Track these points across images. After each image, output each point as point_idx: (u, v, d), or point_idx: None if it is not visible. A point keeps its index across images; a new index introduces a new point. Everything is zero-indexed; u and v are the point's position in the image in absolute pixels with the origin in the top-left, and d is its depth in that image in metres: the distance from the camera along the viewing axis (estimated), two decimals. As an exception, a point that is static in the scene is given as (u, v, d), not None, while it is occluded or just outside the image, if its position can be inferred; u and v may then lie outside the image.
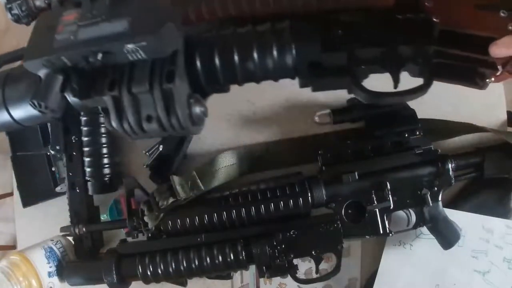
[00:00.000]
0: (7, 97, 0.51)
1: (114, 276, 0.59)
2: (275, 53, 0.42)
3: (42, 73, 0.42)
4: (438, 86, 0.45)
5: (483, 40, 0.42)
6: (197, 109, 0.42)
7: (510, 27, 0.42)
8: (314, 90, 0.45)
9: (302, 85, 0.45)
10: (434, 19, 0.43)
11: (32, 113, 0.50)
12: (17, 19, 0.53)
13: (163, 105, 0.40)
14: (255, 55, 0.43)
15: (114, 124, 0.42)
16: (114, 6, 0.41)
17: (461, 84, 0.49)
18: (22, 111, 0.51)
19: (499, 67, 0.44)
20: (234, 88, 0.48)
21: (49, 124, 0.73)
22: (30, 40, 0.44)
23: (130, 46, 0.39)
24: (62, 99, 0.42)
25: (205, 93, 0.47)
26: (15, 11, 0.52)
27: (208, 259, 0.57)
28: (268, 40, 0.42)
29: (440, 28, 0.43)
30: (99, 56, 0.40)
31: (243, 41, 0.43)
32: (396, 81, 0.45)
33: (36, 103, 0.41)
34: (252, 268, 0.62)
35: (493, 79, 0.46)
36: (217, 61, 0.43)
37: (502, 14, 0.42)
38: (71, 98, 0.43)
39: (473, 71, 0.47)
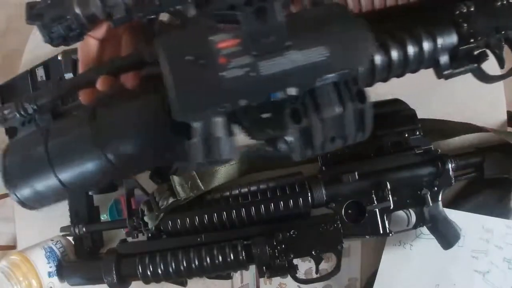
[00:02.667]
0: (52, 155, 0.44)
1: (114, 276, 0.59)
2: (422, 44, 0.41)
3: (197, 124, 0.34)
4: (438, 87, 0.45)
5: None
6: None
7: None
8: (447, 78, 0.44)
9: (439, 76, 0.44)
10: None
11: (84, 173, 0.44)
12: (62, 41, 0.44)
13: (355, 124, 0.37)
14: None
15: (295, 155, 0.37)
16: (295, 29, 0.33)
17: None
18: (72, 172, 0.44)
19: None
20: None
21: (49, 124, 0.73)
22: (173, 78, 0.33)
23: (330, 75, 0.34)
24: (231, 144, 0.35)
25: None
26: (58, 32, 0.43)
27: (208, 259, 0.57)
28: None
29: None
30: (292, 91, 0.33)
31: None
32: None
33: (211, 162, 0.34)
34: (252, 268, 0.62)
35: None
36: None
37: None
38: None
39: None
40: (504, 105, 0.67)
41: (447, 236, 0.60)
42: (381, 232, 0.58)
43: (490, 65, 0.43)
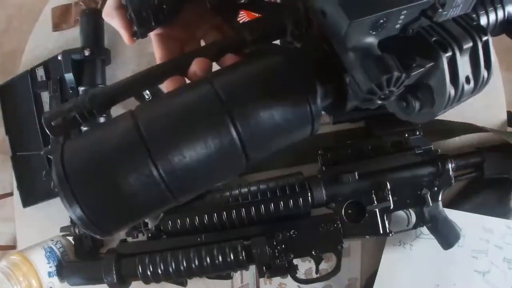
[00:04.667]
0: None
1: (114, 276, 0.59)
2: None
3: (367, 41, 0.31)
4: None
5: None
6: None
7: None
8: None
9: None
10: None
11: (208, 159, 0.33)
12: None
13: (484, 59, 0.34)
14: None
15: (448, 90, 0.33)
16: None
17: None
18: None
19: None
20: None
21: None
22: None
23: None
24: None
25: None
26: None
27: (208, 259, 0.57)
28: None
29: None
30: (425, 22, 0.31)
31: None
32: None
33: (382, 85, 0.30)
34: (252, 268, 0.62)
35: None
36: None
37: None
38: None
39: None
40: (504, 105, 0.68)
41: (447, 236, 0.60)
42: (381, 232, 0.58)
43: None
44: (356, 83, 0.31)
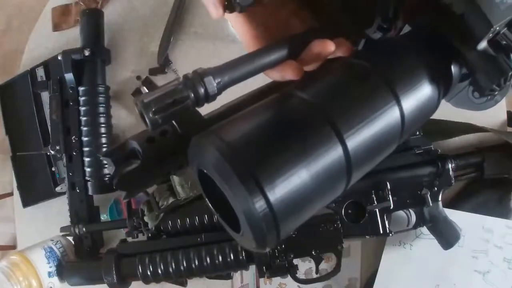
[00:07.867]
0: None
1: (114, 276, 0.59)
2: None
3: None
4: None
5: None
6: None
7: None
8: None
9: None
10: None
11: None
12: None
13: None
14: None
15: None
16: None
17: None
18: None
19: None
20: (232, 89, 0.37)
21: (49, 124, 0.73)
22: None
23: None
24: None
25: None
26: None
27: (208, 259, 0.57)
28: None
29: None
30: None
31: None
32: None
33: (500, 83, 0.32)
34: (252, 268, 0.62)
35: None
36: None
37: None
38: None
39: None
40: (504, 105, 0.67)
41: (447, 236, 0.60)
42: (381, 232, 0.58)
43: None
44: (476, 81, 0.34)
